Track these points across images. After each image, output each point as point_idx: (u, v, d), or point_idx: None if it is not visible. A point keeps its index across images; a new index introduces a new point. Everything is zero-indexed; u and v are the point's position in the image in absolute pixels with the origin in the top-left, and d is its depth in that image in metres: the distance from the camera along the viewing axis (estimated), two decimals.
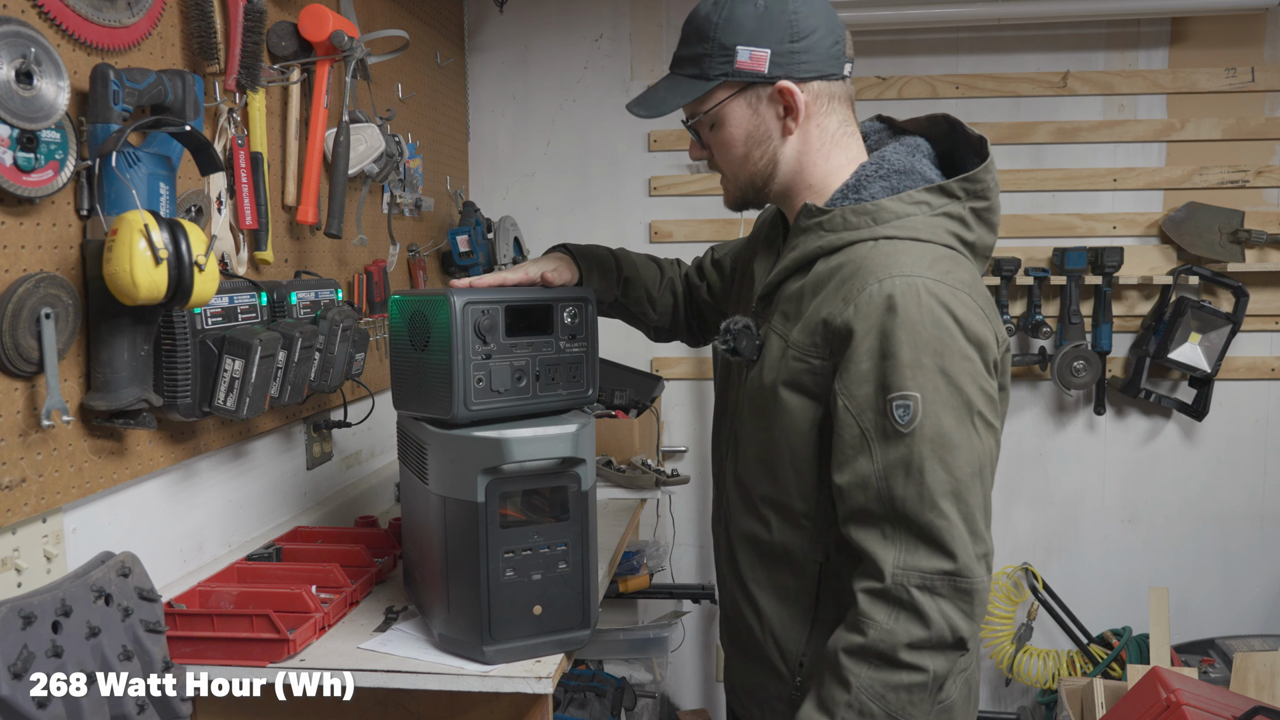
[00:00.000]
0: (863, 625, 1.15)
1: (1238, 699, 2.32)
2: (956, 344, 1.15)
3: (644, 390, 2.81)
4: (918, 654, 1.13)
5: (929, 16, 2.87)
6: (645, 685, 2.75)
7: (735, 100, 1.28)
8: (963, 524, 1.14)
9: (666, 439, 3.15)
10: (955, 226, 1.24)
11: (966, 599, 1.14)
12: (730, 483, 1.40)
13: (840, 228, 1.24)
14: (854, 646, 1.16)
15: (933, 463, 1.13)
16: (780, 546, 1.31)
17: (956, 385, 1.15)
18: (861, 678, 1.15)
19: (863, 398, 1.16)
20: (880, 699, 1.14)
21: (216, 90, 1.62)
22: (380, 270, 2.27)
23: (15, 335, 1.19)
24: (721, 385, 1.49)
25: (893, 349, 1.14)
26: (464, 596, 1.36)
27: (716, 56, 1.26)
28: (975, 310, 1.18)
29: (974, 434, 1.16)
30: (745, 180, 1.33)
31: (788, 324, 1.27)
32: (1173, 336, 2.85)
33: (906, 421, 1.14)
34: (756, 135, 1.29)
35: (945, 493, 1.13)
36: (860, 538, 1.18)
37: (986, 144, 1.27)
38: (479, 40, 3.13)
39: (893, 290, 1.15)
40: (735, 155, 1.31)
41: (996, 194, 1.28)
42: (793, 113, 1.27)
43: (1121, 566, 3.12)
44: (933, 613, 1.12)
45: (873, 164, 1.29)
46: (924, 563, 1.13)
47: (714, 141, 1.33)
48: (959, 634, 1.14)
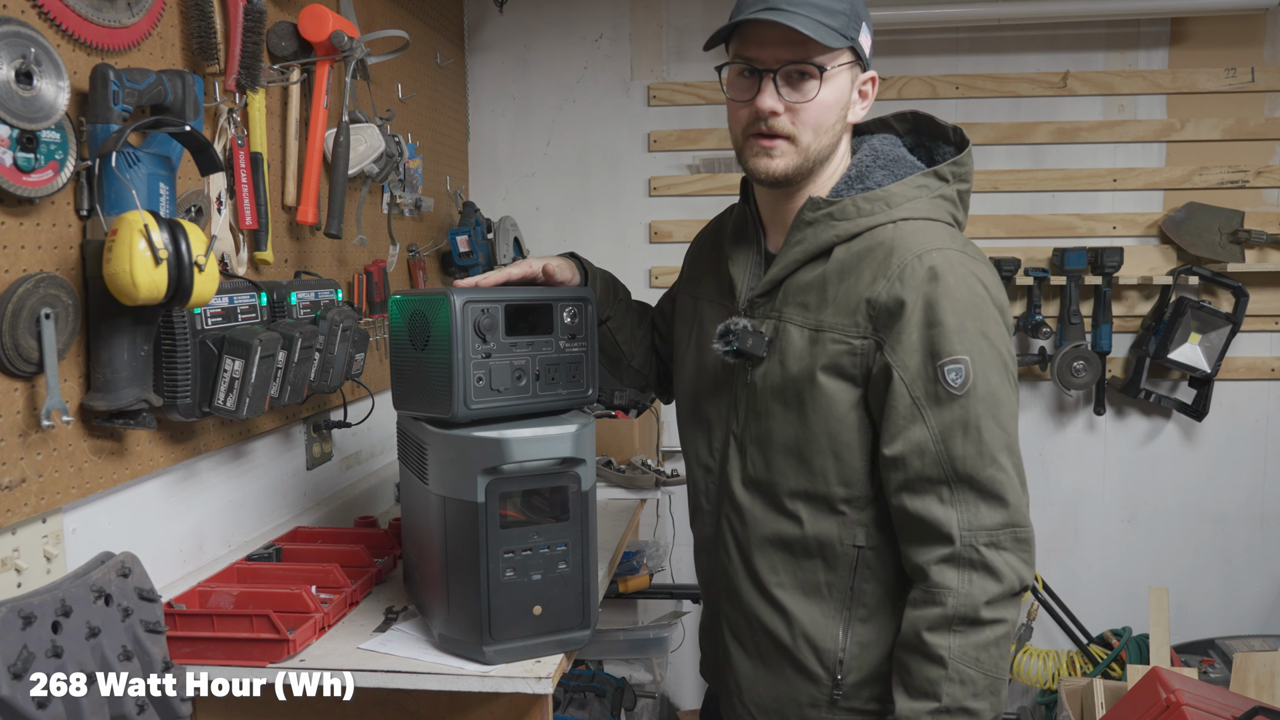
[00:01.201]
0: (938, 595, 1.19)
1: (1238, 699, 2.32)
2: (989, 309, 1.23)
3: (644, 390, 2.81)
4: (996, 608, 1.18)
5: (929, 16, 2.87)
6: (645, 685, 2.75)
7: (848, 69, 1.29)
8: (1016, 475, 1.21)
9: (666, 439, 3.15)
10: (950, 207, 1.33)
11: (1025, 548, 1.21)
12: (740, 490, 1.38)
13: (854, 215, 1.29)
14: (935, 620, 1.19)
15: (988, 420, 1.20)
16: (814, 540, 1.32)
17: (995, 347, 1.22)
18: (953, 648, 1.18)
19: (914, 367, 1.21)
20: (975, 662, 1.18)
21: (216, 90, 1.62)
22: (380, 270, 2.27)
23: (15, 335, 1.19)
24: (698, 396, 1.46)
25: (939, 317, 1.20)
26: (464, 596, 1.36)
27: (852, 20, 1.26)
28: (995, 278, 1.28)
29: (1012, 391, 1.24)
30: (818, 149, 1.29)
31: (811, 312, 1.30)
32: (1173, 337, 2.85)
33: (960, 384, 1.19)
34: (844, 109, 1.31)
35: (1001, 447, 1.20)
36: (917, 506, 1.21)
37: (962, 132, 1.35)
38: (479, 40, 3.13)
39: (933, 262, 1.22)
40: (828, 120, 1.28)
41: (973, 177, 1.36)
42: (864, 102, 1.33)
43: (1121, 566, 3.12)
44: (1002, 567, 1.18)
45: (868, 155, 1.34)
46: (986, 519, 1.19)
47: (811, 100, 1.25)
48: (1025, 582, 1.20)
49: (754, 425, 1.36)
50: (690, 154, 3.11)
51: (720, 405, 1.42)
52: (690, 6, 3.08)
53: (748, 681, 1.41)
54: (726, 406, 1.40)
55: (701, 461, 1.46)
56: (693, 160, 3.11)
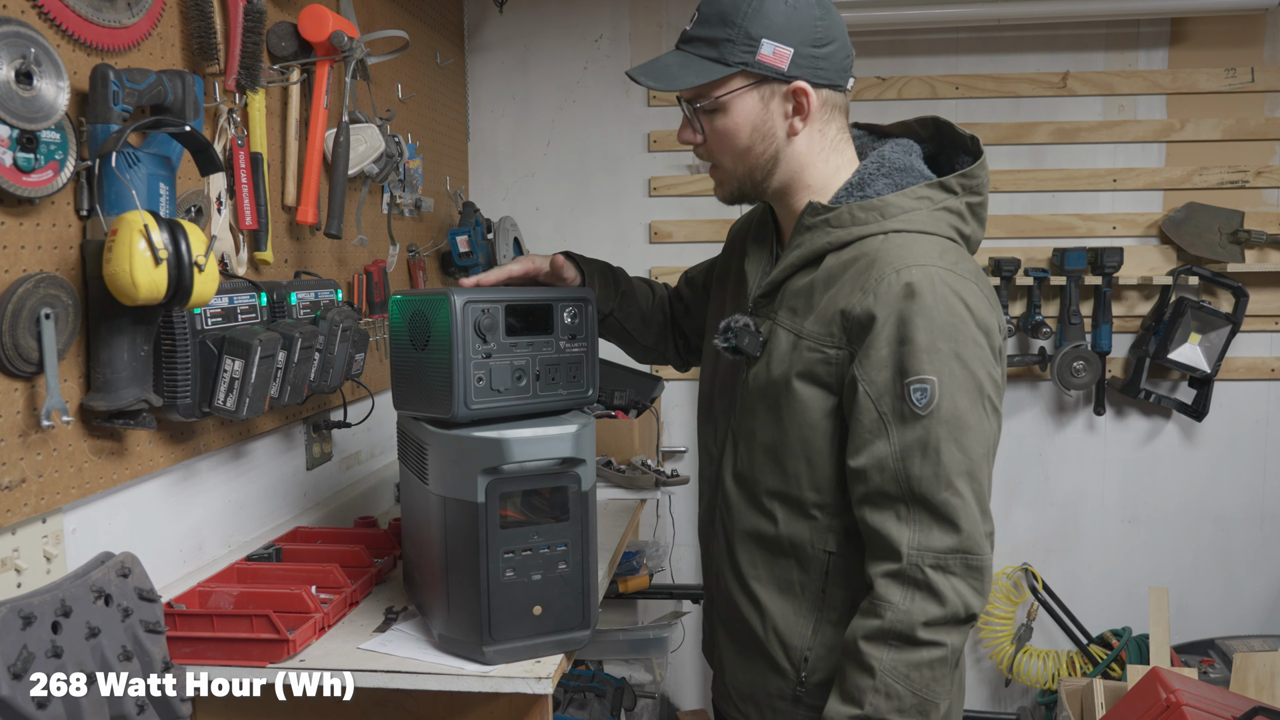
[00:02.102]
0: (879, 609, 1.19)
1: (1238, 699, 2.32)
2: (969, 330, 1.21)
3: (644, 391, 2.81)
4: (935, 631, 1.17)
5: (929, 17, 2.87)
6: (645, 685, 2.75)
7: (748, 91, 1.28)
8: (975, 503, 1.19)
9: (666, 439, 3.15)
10: (955, 220, 1.30)
11: (977, 576, 1.19)
12: (729, 482, 1.41)
13: (849, 223, 1.28)
14: (872, 631, 1.19)
15: (949, 443, 1.18)
16: (787, 540, 1.32)
17: (970, 370, 1.20)
18: (884, 661, 1.18)
19: (881, 382, 1.20)
20: (905, 679, 1.17)
21: (216, 90, 1.62)
22: (380, 270, 2.27)
23: (15, 335, 1.19)
24: (713, 386, 1.50)
25: (910, 334, 1.19)
26: (464, 597, 1.36)
27: (740, 44, 1.26)
28: (983, 299, 1.24)
29: (984, 417, 1.21)
30: (744, 173, 1.33)
31: (797, 318, 1.30)
32: (1172, 337, 2.85)
33: (924, 404, 1.18)
34: (761, 130, 1.30)
35: (960, 472, 1.18)
36: (875, 520, 1.21)
37: (979, 142, 1.33)
38: (479, 40, 3.13)
39: (910, 279, 1.20)
40: (737, 146, 1.31)
41: (988, 190, 1.33)
42: (801, 113, 1.30)
43: (1121, 566, 3.12)
44: (947, 591, 1.17)
45: (873, 163, 1.33)
46: (937, 542, 1.18)
47: (715, 129, 1.32)
48: (971, 610, 1.19)
49: (744, 422, 1.38)
50: (690, 154, 3.11)
51: (725, 398, 1.44)
52: (690, 7, 3.06)
53: (729, 666, 1.45)
54: (729, 400, 1.42)
55: (707, 449, 1.50)
56: (693, 160, 3.10)
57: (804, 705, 1.33)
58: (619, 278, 1.66)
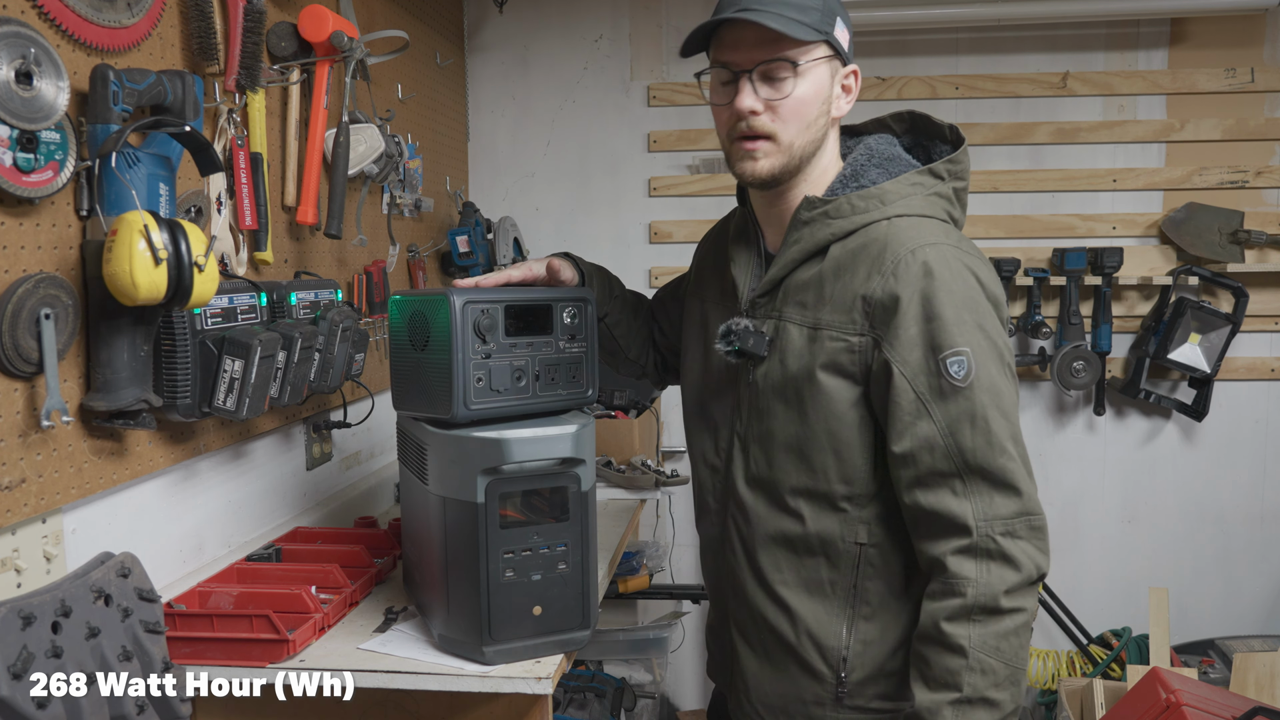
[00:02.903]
0: (957, 586, 1.19)
1: (1237, 699, 2.32)
2: (984, 303, 1.24)
3: (644, 391, 2.81)
4: (1015, 597, 1.18)
5: (929, 17, 2.87)
6: (645, 686, 2.75)
7: (826, 63, 1.29)
8: (1023, 464, 1.22)
9: (666, 439, 3.15)
10: (946, 205, 1.33)
11: (1040, 535, 1.22)
12: (743, 489, 1.39)
13: (849, 213, 1.29)
14: (955, 610, 1.19)
15: (994, 410, 1.20)
16: (815, 538, 1.32)
17: (991, 339, 1.23)
18: (973, 638, 1.18)
19: (915, 361, 1.22)
20: (996, 651, 1.18)
21: (216, 91, 1.62)
22: (380, 271, 2.27)
23: (15, 336, 1.19)
24: (704, 397, 1.48)
25: (937, 310, 1.21)
26: (464, 597, 1.36)
27: (826, 15, 1.26)
28: (989, 272, 1.28)
29: (1010, 381, 1.24)
30: (802, 145, 1.29)
31: (809, 310, 1.30)
32: (1172, 337, 2.85)
33: (963, 376, 1.20)
34: (825, 105, 1.30)
35: (1008, 436, 1.21)
36: (930, 501, 1.22)
37: (958, 130, 1.36)
38: (479, 41, 3.13)
39: (926, 258, 1.22)
40: (809, 114, 1.28)
41: (969, 175, 1.36)
42: (848, 97, 1.33)
43: (1121, 566, 3.12)
44: (1020, 555, 1.19)
45: (863, 155, 1.35)
46: (1001, 509, 1.20)
47: (789, 96, 1.25)
48: (1042, 570, 1.21)
49: (756, 424, 1.36)
50: (690, 154, 3.11)
51: (725, 405, 1.42)
52: (690, 7, 3.08)
53: (755, 680, 1.42)
54: (731, 406, 1.41)
55: (708, 462, 1.47)
56: (692, 160, 3.11)
57: (846, 707, 1.32)
58: (614, 283, 1.65)
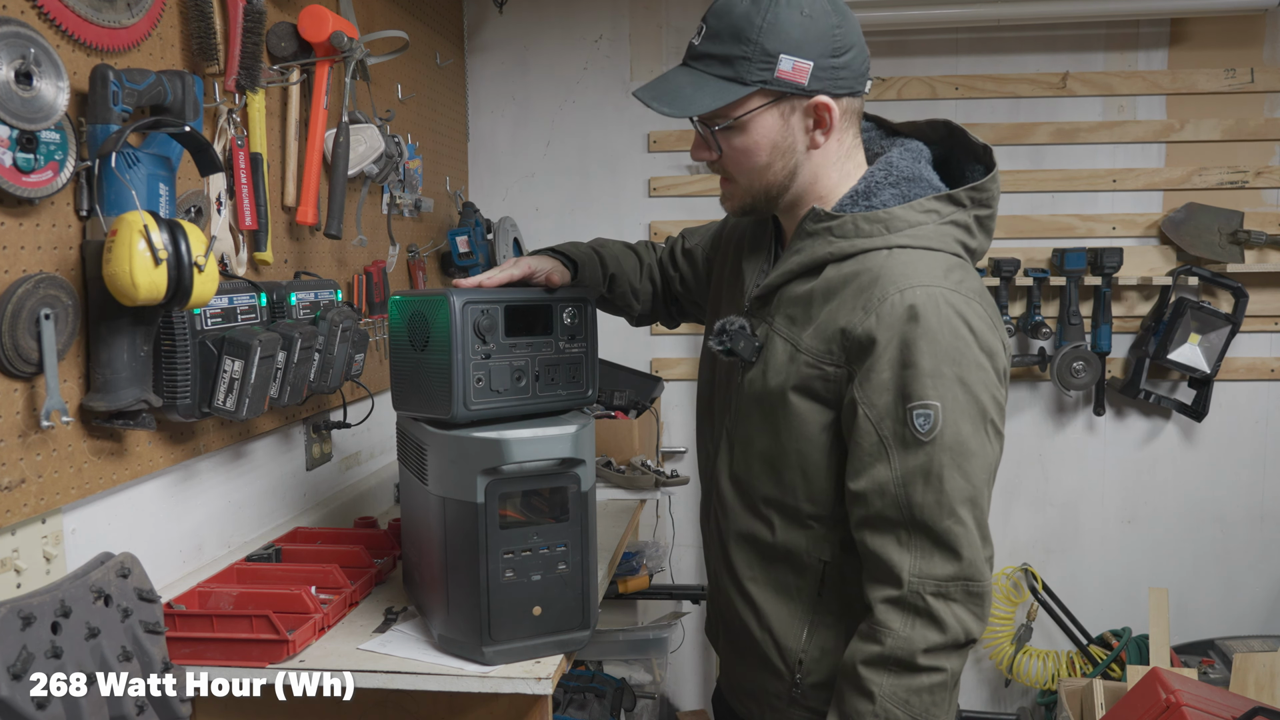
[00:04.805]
0: (879, 634, 1.17)
1: (1237, 699, 2.32)
2: (972, 353, 1.17)
3: (643, 391, 2.81)
4: (935, 656, 1.16)
5: (929, 17, 2.87)
6: (645, 686, 2.75)
7: (768, 110, 1.23)
8: (976, 529, 1.17)
9: (666, 440, 3.15)
10: (961, 234, 1.26)
11: (977, 601, 1.18)
12: (725, 483, 1.39)
13: (852, 234, 1.24)
14: (872, 657, 1.18)
15: (951, 470, 1.16)
16: (783, 547, 1.31)
17: (973, 394, 1.17)
18: (884, 686, 1.17)
19: (883, 406, 1.18)
20: (904, 704, 1.17)
21: (216, 91, 1.62)
22: (380, 271, 2.27)
23: (15, 336, 1.19)
24: (709, 384, 1.48)
25: (914, 358, 1.16)
26: (463, 597, 1.36)
27: (756, 61, 1.20)
28: (986, 320, 1.21)
29: (987, 441, 1.19)
30: (760, 189, 1.29)
31: (795, 328, 1.27)
32: (1172, 337, 2.85)
33: (927, 430, 1.16)
34: (782, 146, 1.25)
35: (963, 499, 1.16)
36: (875, 544, 1.19)
37: (991, 153, 1.28)
38: (479, 41, 3.13)
39: (914, 300, 1.17)
40: (756, 164, 1.26)
41: (998, 202, 1.29)
42: (823, 127, 1.25)
43: (1121, 567, 3.12)
44: (948, 617, 1.16)
45: (880, 170, 1.28)
46: (939, 569, 1.16)
47: (732, 147, 1.26)
48: (971, 635, 1.18)
49: (740, 425, 1.36)
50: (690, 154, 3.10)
51: (722, 397, 1.42)
52: (690, 6, 3.08)
53: (728, 664, 1.46)
54: (725, 400, 1.41)
55: (704, 446, 1.49)
56: (692, 161, 3.10)
57: (800, 706, 1.33)
58: (605, 261, 1.63)
